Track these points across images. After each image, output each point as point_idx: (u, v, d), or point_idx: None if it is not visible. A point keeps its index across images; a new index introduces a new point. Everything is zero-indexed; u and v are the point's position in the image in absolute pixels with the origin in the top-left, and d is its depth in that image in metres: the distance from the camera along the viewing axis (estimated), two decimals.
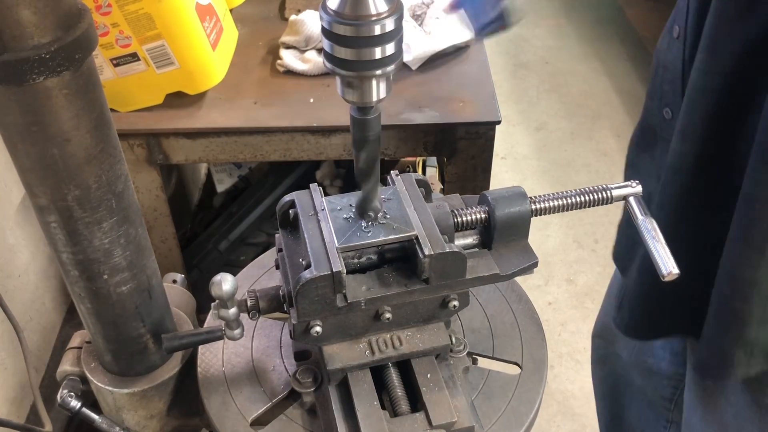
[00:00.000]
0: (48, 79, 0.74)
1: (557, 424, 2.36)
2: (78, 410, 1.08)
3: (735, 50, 0.89)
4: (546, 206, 0.95)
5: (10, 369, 1.83)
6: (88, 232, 0.87)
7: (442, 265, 0.88)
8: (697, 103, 0.95)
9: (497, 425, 0.97)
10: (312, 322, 0.89)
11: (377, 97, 0.80)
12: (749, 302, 0.95)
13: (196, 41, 1.60)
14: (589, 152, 3.41)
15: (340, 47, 0.76)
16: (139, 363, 1.05)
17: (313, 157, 1.71)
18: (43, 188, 0.83)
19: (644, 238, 0.92)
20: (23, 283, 1.92)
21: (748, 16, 0.87)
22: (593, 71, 3.95)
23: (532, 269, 0.95)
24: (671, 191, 1.02)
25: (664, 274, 0.89)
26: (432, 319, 0.95)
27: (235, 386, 1.02)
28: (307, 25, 1.82)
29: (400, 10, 0.75)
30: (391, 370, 0.94)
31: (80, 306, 0.97)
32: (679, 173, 1.00)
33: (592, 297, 2.72)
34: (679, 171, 1.00)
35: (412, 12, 1.90)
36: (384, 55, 0.76)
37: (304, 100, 1.71)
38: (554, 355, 2.52)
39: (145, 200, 1.75)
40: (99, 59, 1.57)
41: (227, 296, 0.89)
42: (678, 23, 1.00)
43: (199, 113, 1.68)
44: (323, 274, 0.84)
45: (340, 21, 0.74)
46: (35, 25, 0.71)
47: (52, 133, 0.78)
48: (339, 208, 0.94)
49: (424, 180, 0.99)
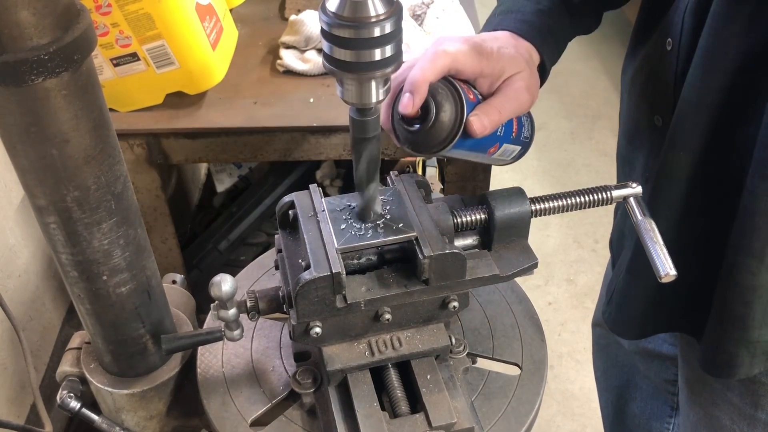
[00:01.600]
0: (47, 80, 0.74)
1: (557, 424, 2.36)
2: (78, 411, 1.08)
3: (729, 67, 0.90)
4: (546, 206, 0.95)
5: (10, 369, 1.84)
6: (87, 233, 0.87)
7: (441, 266, 0.88)
8: (690, 116, 0.96)
9: (497, 426, 0.97)
10: (311, 323, 0.89)
11: (377, 99, 0.80)
12: (751, 307, 0.96)
13: (196, 41, 1.60)
14: (589, 152, 3.41)
15: (340, 49, 0.76)
16: (139, 364, 1.05)
17: (313, 157, 1.70)
18: (42, 189, 0.83)
19: (643, 238, 0.92)
20: (23, 283, 1.92)
21: (743, 34, 0.87)
22: (593, 71, 3.95)
23: (532, 270, 0.95)
24: (661, 198, 1.03)
25: (662, 275, 0.90)
26: (432, 319, 0.95)
27: (235, 387, 1.02)
28: (307, 25, 1.81)
29: (400, 12, 0.75)
30: (391, 371, 0.94)
31: (80, 307, 0.97)
32: (670, 181, 1.01)
33: (592, 297, 2.72)
34: (670, 179, 1.01)
35: (412, 12, 1.90)
36: (383, 57, 0.76)
37: (304, 100, 1.71)
38: (554, 355, 2.52)
39: (145, 200, 1.75)
40: (99, 59, 1.57)
41: (227, 297, 0.89)
42: (672, 36, 1.00)
43: (199, 113, 1.68)
44: (323, 275, 0.84)
45: (339, 23, 0.74)
46: (34, 26, 0.71)
47: (51, 133, 0.78)
48: (339, 208, 0.94)
49: (424, 180, 0.99)
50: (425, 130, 0.90)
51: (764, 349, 1.01)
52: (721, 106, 0.92)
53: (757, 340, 0.99)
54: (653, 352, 1.42)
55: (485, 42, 0.93)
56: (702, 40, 0.92)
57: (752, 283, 0.95)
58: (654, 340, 1.40)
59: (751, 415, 1.12)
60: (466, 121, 0.89)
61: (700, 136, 0.96)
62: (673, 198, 1.02)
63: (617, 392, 1.58)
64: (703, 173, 0.99)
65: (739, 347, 1.01)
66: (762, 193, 0.89)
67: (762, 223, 0.91)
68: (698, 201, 1.01)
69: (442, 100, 0.89)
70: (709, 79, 0.92)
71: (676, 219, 1.03)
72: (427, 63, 0.87)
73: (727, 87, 0.91)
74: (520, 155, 1.03)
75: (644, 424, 1.53)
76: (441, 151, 0.91)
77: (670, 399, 1.47)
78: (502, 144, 0.97)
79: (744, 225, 0.93)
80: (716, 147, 0.96)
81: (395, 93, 0.91)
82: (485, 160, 1.01)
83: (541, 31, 1.00)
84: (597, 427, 2.33)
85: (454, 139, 0.90)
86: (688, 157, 0.98)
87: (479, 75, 0.92)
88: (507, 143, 0.97)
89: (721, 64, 0.90)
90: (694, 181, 0.99)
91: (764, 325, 0.98)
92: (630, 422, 1.57)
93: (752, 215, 0.91)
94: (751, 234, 0.92)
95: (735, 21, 0.87)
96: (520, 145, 1.01)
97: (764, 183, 0.89)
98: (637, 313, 1.18)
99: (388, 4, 0.74)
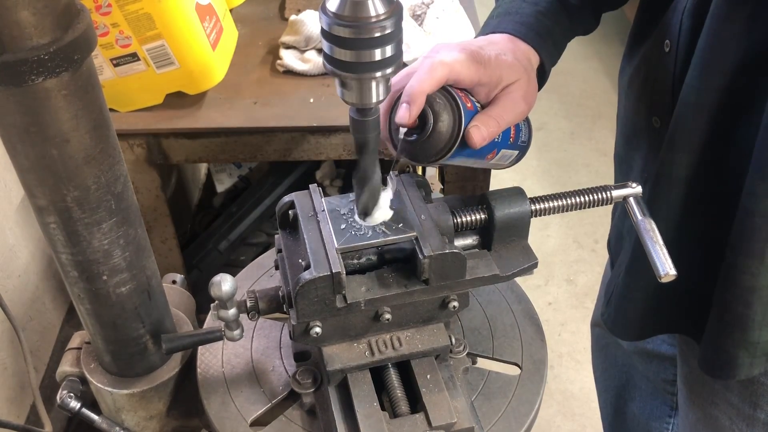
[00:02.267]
0: (47, 80, 0.74)
1: (557, 424, 2.36)
2: (78, 411, 1.08)
3: (728, 68, 0.90)
4: (546, 206, 0.95)
5: (10, 369, 1.84)
6: (87, 233, 0.87)
7: (441, 266, 0.88)
8: (689, 117, 0.96)
9: (497, 426, 0.97)
10: (311, 322, 0.89)
11: (377, 99, 0.80)
12: (751, 308, 0.96)
13: (196, 41, 1.60)
14: (589, 152, 3.41)
15: (340, 49, 0.76)
16: (139, 364, 1.05)
17: (313, 157, 1.70)
18: (42, 189, 0.83)
19: (642, 238, 0.92)
20: (23, 283, 1.92)
21: (742, 35, 0.87)
22: (593, 71, 3.95)
23: (532, 270, 0.95)
24: (661, 199, 1.03)
25: (661, 275, 0.90)
26: (432, 319, 0.95)
27: (235, 387, 1.02)
28: (307, 25, 1.81)
29: (400, 12, 0.75)
30: (391, 370, 0.94)
31: (79, 307, 0.97)
32: (669, 182, 1.01)
33: (592, 297, 2.71)
34: (669, 180, 1.01)
35: (412, 12, 1.90)
36: (384, 57, 0.76)
37: (304, 100, 1.71)
38: (554, 355, 2.52)
39: (145, 200, 1.75)
40: (99, 59, 1.57)
41: (226, 297, 0.89)
42: (670, 38, 1.00)
43: (199, 113, 1.68)
44: (323, 275, 0.84)
45: (339, 23, 0.74)
46: (34, 26, 0.71)
47: (51, 134, 0.78)
48: (339, 208, 0.94)
49: (424, 180, 0.99)
50: (423, 141, 0.89)
51: (764, 350, 1.00)
52: (720, 107, 0.92)
53: (757, 341, 0.99)
54: (652, 353, 1.43)
55: (483, 49, 0.92)
56: (701, 41, 0.92)
57: (752, 284, 0.95)
58: (653, 341, 1.41)
59: (750, 415, 1.12)
60: (465, 133, 0.88)
61: (699, 136, 0.96)
62: (672, 199, 1.02)
63: (616, 392, 1.58)
64: (702, 174, 0.98)
65: (738, 348, 1.01)
66: (761, 193, 0.89)
67: (762, 223, 0.91)
68: (697, 202, 1.01)
69: (439, 110, 0.89)
70: (708, 80, 0.92)
71: (675, 220, 1.03)
72: (425, 74, 0.87)
73: (727, 88, 0.91)
74: (518, 159, 1.03)
75: (643, 424, 1.54)
76: (439, 160, 0.91)
77: (669, 399, 1.47)
78: (500, 150, 0.97)
79: (744, 226, 0.93)
80: (715, 148, 0.96)
81: (392, 102, 0.91)
82: (483, 166, 1.01)
83: (540, 33, 1.00)
84: (597, 427, 2.32)
85: (452, 149, 0.89)
86: (687, 157, 0.98)
87: (477, 84, 0.92)
88: (505, 149, 0.97)
89: (720, 65, 0.90)
90: (693, 182, 0.99)
91: (764, 326, 0.98)
92: (629, 422, 1.57)
93: (752, 216, 0.91)
94: (751, 235, 0.92)
95: (734, 22, 0.87)
96: (518, 149, 1.01)
97: (764, 183, 0.89)
98: (636, 315, 1.18)
99: (389, 4, 0.74)
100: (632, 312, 1.18)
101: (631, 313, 1.18)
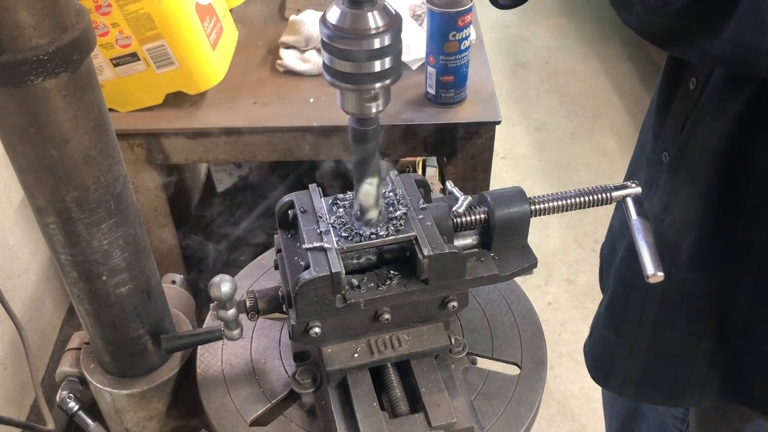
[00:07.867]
0: (46, 80, 0.74)
1: (557, 424, 2.36)
2: (74, 413, 1.08)
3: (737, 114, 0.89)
4: (546, 207, 0.95)
5: (10, 369, 1.84)
6: (86, 234, 0.87)
7: (441, 266, 0.88)
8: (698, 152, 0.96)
9: (497, 426, 0.97)
10: (311, 322, 0.89)
11: (376, 109, 0.81)
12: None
13: (195, 41, 1.60)
14: (589, 152, 3.41)
15: (340, 60, 0.76)
16: (138, 364, 1.05)
17: (313, 157, 1.70)
18: (42, 189, 0.83)
19: (634, 237, 0.91)
20: (23, 283, 1.92)
21: None
22: (593, 71, 3.95)
23: (532, 270, 0.95)
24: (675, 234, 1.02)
25: (649, 275, 0.88)
26: (431, 319, 0.95)
27: (235, 387, 1.02)
28: (307, 25, 1.81)
29: (399, 24, 0.76)
30: (391, 370, 0.94)
31: (79, 307, 0.97)
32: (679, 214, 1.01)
33: (592, 297, 2.72)
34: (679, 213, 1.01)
35: (412, 12, 1.89)
36: (383, 69, 0.76)
37: (304, 100, 1.71)
38: (554, 355, 2.52)
39: (145, 200, 1.75)
40: (99, 59, 1.57)
41: (226, 297, 0.89)
42: (696, 76, 0.99)
43: (199, 113, 1.68)
44: (322, 274, 0.84)
45: (339, 35, 0.74)
46: (33, 27, 0.71)
47: (50, 134, 0.78)
48: (338, 208, 0.94)
49: (424, 180, 0.99)
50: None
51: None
52: (729, 152, 0.92)
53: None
54: None
55: None
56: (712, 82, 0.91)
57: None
58: None
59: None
60: None
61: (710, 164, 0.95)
62: (680, 237, 1.01)
63: (623, 420, 1.53)
64: (709, 212, 0.98)
65: None
66: None
67: None
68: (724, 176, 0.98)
69: None
70: (716, 125, 0.91)
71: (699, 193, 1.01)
72: None
73: (737, 134, 0.90)
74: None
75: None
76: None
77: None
78: None
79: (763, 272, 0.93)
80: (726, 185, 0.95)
81: None
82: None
83: None
84: (597, 427, 2.33)
85: None
86: (696, 187, 0.97)
87: None
88: None
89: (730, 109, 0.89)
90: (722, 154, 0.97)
91: None
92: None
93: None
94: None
95: None
96: None
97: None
98: (612, 369, 1.15)
99: (388, 16, 0.75)
100: (607, 364, 1.15)
101: (606, 365, 1.15)
